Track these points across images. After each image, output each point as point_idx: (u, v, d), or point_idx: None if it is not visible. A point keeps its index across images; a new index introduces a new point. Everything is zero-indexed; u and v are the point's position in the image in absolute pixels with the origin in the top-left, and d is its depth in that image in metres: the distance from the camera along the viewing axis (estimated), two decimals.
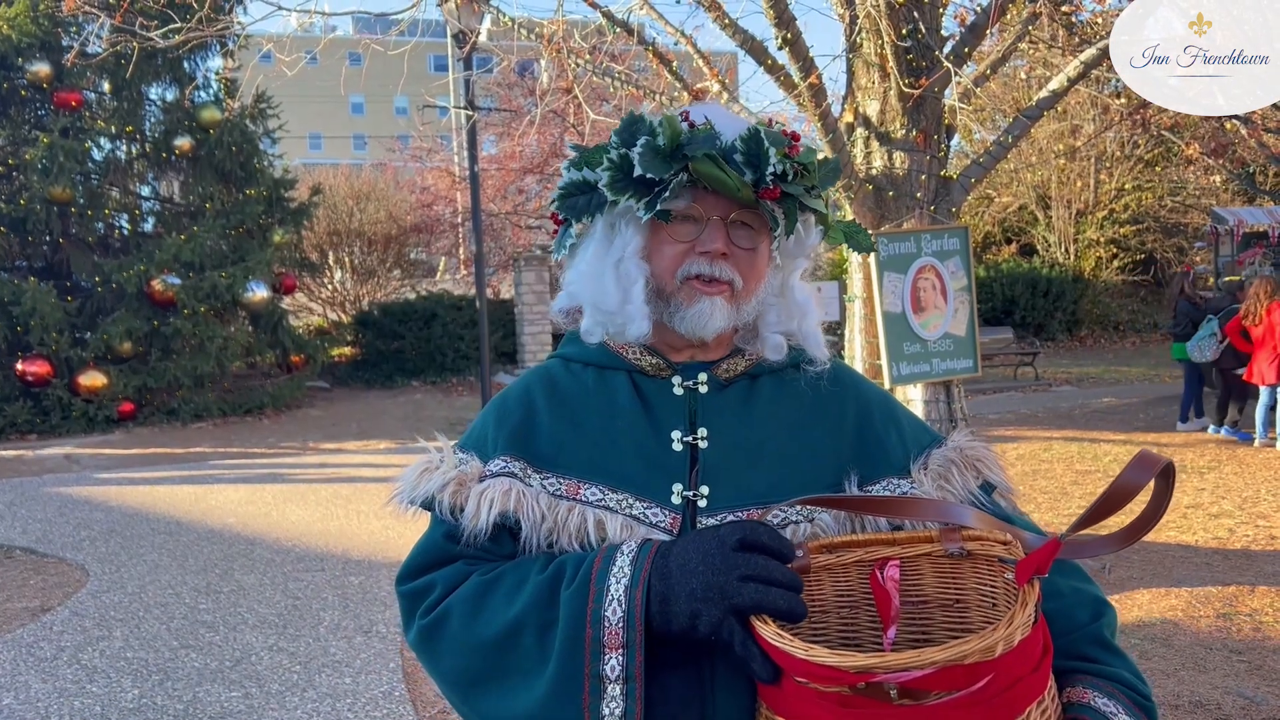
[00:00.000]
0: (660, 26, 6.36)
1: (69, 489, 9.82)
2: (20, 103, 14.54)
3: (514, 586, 1.25)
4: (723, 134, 1.31)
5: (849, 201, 5.75)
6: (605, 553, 1.22)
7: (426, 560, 1.35)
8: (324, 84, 18.55)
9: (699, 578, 1.14)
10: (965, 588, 1.22)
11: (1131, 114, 15.34)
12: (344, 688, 4.68)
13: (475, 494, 1.30)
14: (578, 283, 1.44)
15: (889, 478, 1.35)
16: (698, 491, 1.30)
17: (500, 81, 20.35)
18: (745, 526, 1.17)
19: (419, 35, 7.07)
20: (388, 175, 24.47)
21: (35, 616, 5.90)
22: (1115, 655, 1.28)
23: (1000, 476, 1.38)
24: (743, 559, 1.13)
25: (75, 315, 13.95)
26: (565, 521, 1.28)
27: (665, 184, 1.29)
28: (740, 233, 1.35)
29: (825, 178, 1.40)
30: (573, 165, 1.39)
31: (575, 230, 1.42)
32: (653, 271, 1.37)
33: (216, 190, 15.41)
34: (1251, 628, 4.91)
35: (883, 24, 5.43)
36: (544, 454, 1.35)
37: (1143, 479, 1.05)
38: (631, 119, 1.35)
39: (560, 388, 1.42)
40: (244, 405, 14.93)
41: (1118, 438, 10.73)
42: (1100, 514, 1.08)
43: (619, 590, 1.17)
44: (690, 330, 1.35)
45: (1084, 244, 23.03)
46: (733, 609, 1.12)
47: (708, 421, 1.35)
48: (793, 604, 1.11)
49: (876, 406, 1.44)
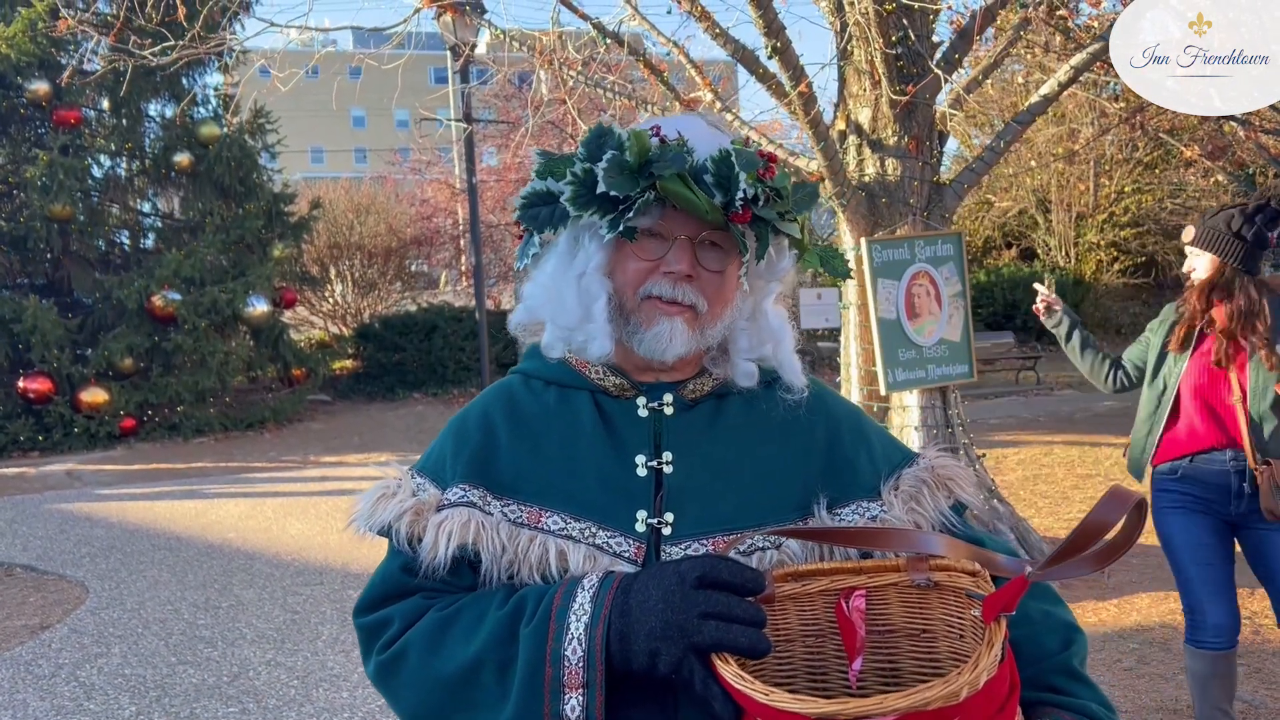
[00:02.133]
0: (653, 37, 6.39)
1: (70, 505, 9.83)
2: (20, 121, 14.59)
3: (473, 622, 1.22)
4: (696, 150, 1.26)
5: (841, 209, 5.75)
6: (566, 587, 1.19)
7: (384, 592, 1.33)
8: (324, 98, 18.60)
9: (658, 616, 1.11)
10: (933, 618, 1.20)
11: (1129, 117, 15.35)
12: (341, 702, 4.68)
13: (433, 525, 1.27)
14: (538, 296, 1.39)
15: (858, 500, 1.32)
16: (662, 519, 1.27)
17: (498, 93, 20.39)
18: (706, 562, 1.13)
19: (415, 48, 7.10)
20: (387, 188, 24.50)
21: (34, 634, 5.90)
22: (1084, 685, 1.26)
23: (972, 495, 1.35)
24: (703, 596, 1.10)
25: (76, 332, 13.97)
26: (526, 553, 1.25)
27: (631, 202, 1.25)
28: (708, 254, 1.30)
29: (801, 202, 1.34)
30: (536, 173, 1.35)
31: (538, 240, 1.37)
32: (615, 287, 1.32)
33: (216, 205, 15.44)
34: (1251, 631, 4.89)
35: (872, 31, 5.45)
36: (504, 480, 1.31)
37: (1114, 515, 1.05)
38: (599, 131, 1.30)
39: (520, 408, 1.38)
40: (245, 420, 14.93)
41: (1119, 441, 10.64)
42: (1072, 549, 1.07)
43: (579, 629, 1.14)
44: (649, 353, 1.31)
45: (1084, 247, 23.01)
46: (692, 647, 1.09)
47: (673, 445, 1.32)
48: (754, 641, 1.08)
49: (846, 425, 1.41)
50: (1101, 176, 22.75)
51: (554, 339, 1.39)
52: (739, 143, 1.30)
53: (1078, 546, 1.07)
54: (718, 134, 1.32)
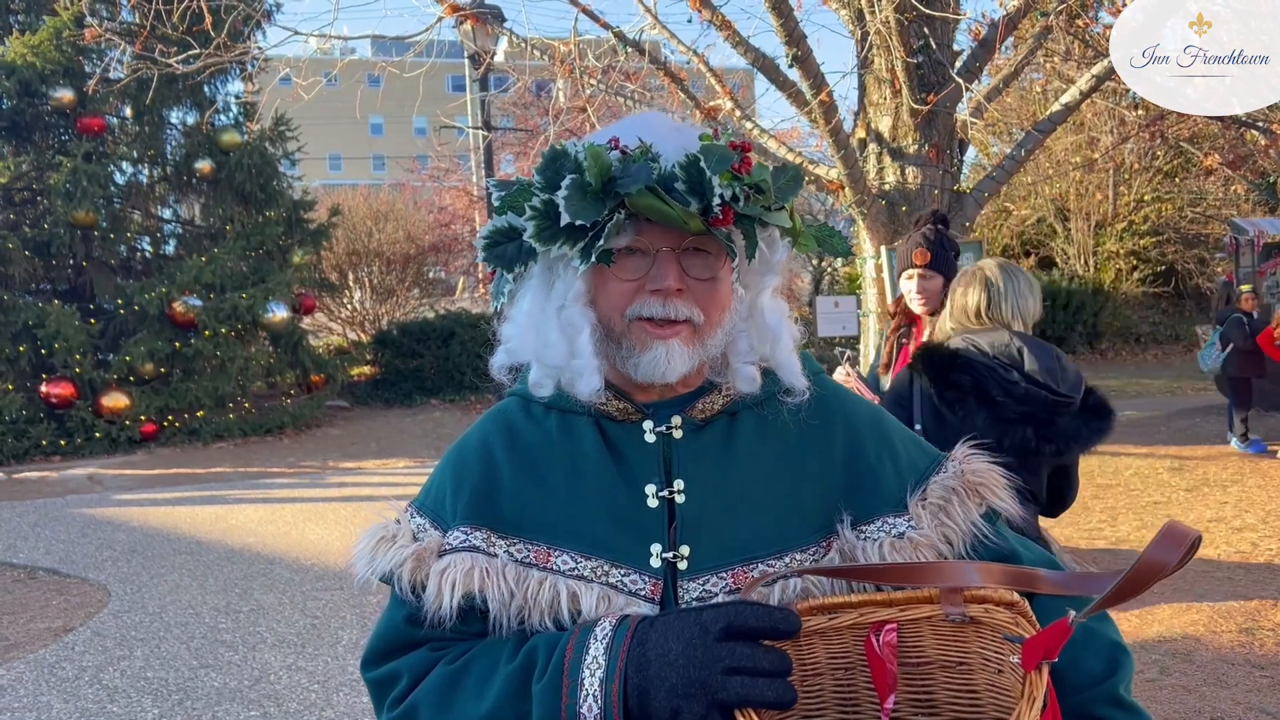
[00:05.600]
0: (672, 45, 6.41)
1: (92, 510, 9.91)
2: (44, 128, 14.75)
3: (482, 678, 1.16)
4: (662, 155, 1.16)
5: (861, 217, 5.75)
6: (578, 637, 1.13)
7: (389, 645, 1.28)
8: (343, 105, 18.72)
9: (680, 672, 1.05)
10: (969, 650, 1.13)
11: (1149, 125, 15.30)
12: (362, 707, 4.69)
13: (435, 573, 1.21)
14: (517, 338, 1.29)
15: (884, 516, 1.23)
16: (678, 552, 1.20)
17: (517, 101, 20.49)
18: (730, 611, 1.08)
19: (436, 56, 7.14)
20: (406, 195, 24.64)
21: (57, 637, 5.95)
22: (1131, 714, 1.20)
23: (1006, 500, 1.27)
24: (727, 649, 1.05)
25: (98, 337, 14.09)
26: (536, 597, 1.18)
27: (600, 227, 1.15)
28: (695, 261, 1.21)
29: (784, 190, 1.22)
30: (496, 210, 1.24)
31: (510, 277, 1.28)
32: (600, 315, 1.23)
33: (237, 212, 15.57)
34: (1274, 643, 4.86)
35: (893, 41, 5.45)
36: (507, 517, 1.24)
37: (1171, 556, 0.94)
38: (552, 154, 1.19)
39: (520, 437, 1.30)
40: (264, 425, 15.01)
41: (1140, 451, 10.64)
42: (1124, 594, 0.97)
43: (594, 685, 1.08)
44: (648, 377, 1.22)
45: (1104, 256, 22.90)
46: (717, 704, 1.04)
47: (684, 471, 1.24)
48: (781, 693, 1.05)
49: (867, 431, 1.32)
50: (1121, 185, 22.65)
51: (542, 377, 1.29)
52: (706, 137, 1.19)
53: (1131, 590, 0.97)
54: (681, 130, 1.23)
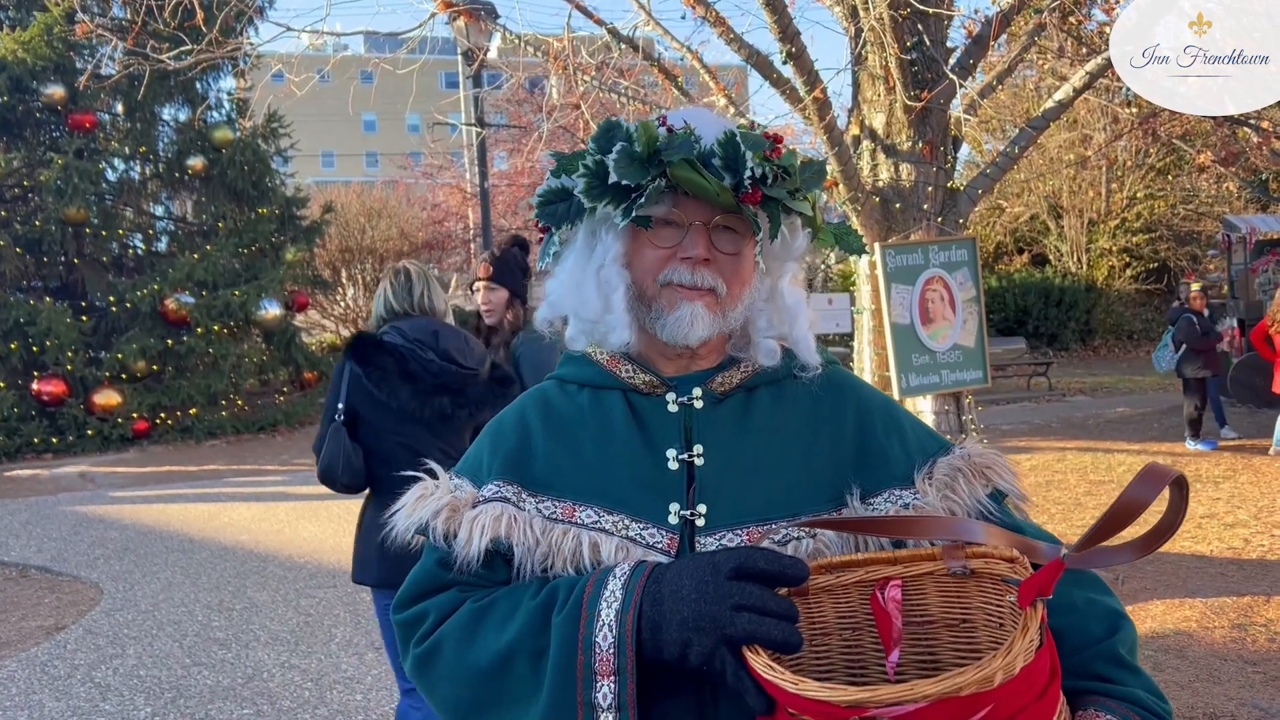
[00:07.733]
0: (666, 42, 6.39)
1: (84, 508, 9.88)
2: (35, 125, 14.70)
3: (507, 613, 1.23)
4: (704, 138, 1.29)
5: (855, 214, 5.75)
6: (598, 576, 1.20)
7: (420, 588, 1.34)
8: (336, 102, 18.66)
9: (691, 606, 1.11)
10: (971, 607, 1.17)
11: (1142, 123, 15.32)
12: (355, 704, 4.69)
13: (467, 520, 1.28)
14: (559, 291, 1.42)
15: (891, 489, 1.30)
16: (695, 510, 1.27)
17: (510, 98, 20.45)
18: (741, 553, 1.14)
19: (429, 52, 7.11)
20: (399, 192, 24.58)
21: (49, 635, 5.93)
22: (1131, 673, 1.21)
23: (1011, 483, 1.32)
24: (737, 588, 1.10)
25: (90, 334, 14.05)
26: (560, 545, 1.26)
27: (642, 190, 1.27)
28: (723, 237, 1.32)
29: (810, 180, 1.36)
30: (551, 172, 1.38)
31: (558, 238, 1.40)
32: (634, 278, 1.35)
33: (229, 209, 15.53)
34: (1267, 638, 4.87)
35: (887, 37, 5.44)
36: (539, 477, 1.33)
37: (1150, 493, 0.99)
38: (608, 125, 1.33)
39: (555, 410, 1.41)
40: (257, 423, 14.99)
41: (1132, 448, 10.68)
42: (1107, 530, 1.03)
43: (610, 615, 1.14)
44: (673, 338, 1.33)
45: (1096, 253, 22.96)
46: (725, 639, 1.09)
47: (704, 438, 1.33)
48: (787, 634, 1.08)
49: (878, 413, 1.40)
50: (1113, 182, 22.71)
51: (577, 332, 1.41)
52: (744, 127, 1.31)
53: (1113, 526, 1.02)
54: (723, 122, 1.34)
